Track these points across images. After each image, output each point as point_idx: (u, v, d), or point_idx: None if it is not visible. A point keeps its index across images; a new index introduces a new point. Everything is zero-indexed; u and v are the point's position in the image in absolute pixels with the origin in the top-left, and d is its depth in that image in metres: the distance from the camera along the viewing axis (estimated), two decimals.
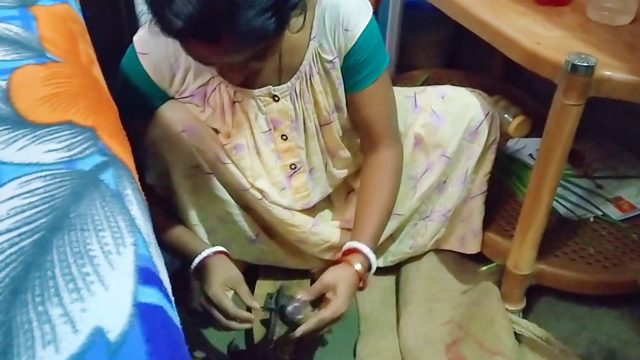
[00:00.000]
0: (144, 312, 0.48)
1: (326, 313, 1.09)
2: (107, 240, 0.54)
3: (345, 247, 1.19)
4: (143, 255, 0.53)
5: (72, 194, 0.58)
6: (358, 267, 1.14)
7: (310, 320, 1.09)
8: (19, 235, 0.52)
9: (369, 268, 1.18)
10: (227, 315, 1.10)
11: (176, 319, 0.52)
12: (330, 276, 1.13)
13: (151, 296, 0.50)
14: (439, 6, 1.36)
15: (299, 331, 1.08)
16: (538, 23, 1.19)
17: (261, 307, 1.15)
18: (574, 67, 1.02)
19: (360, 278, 1.15)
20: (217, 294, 1.10)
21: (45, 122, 0.70)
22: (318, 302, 1.14)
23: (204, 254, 1.16)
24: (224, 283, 1.12)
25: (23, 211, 0.55)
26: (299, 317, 1.10)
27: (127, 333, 0.46)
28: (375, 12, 1.84)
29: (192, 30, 0.87)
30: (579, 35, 1.14)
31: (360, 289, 1.17)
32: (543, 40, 1.12)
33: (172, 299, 0.55)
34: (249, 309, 1.14)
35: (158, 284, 0.52)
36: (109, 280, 0.49)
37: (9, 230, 0.52)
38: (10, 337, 0.44)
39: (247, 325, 1.13)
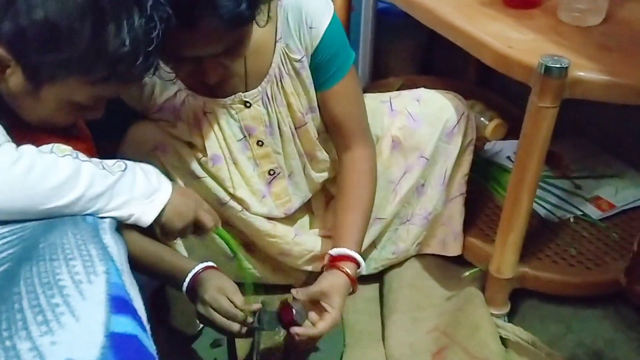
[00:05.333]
0: (117, 343, 0.46)
1: (323, 325, 1.09)
2: (78, 269, 0.52)
3: (334, 253, 1.19)
4: (115, 283, 0.52)
5: (44, 223, 0.56)
6: (350, 273, 1.15)
7: (309, 328, 1.09)
8: None
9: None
10: (227, 316, 1.08)
11: (151, 347, 0.51)
12: (327, 283, 1.13)
13: (124, 325, 0.48)
14: (411, 13, 1.37)
15: (297, 330, 1.07)
16: (510, 26, 1.19)
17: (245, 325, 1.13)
18: (548, 70, 1.02)
19: (353, 284, 1.16)
20: (214, 297, 1.08)
21: None
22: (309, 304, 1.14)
23: (194, 271, 1.13)
24: (219, 290, 1.10)
25: None
26: (296, 308, 1.09)
27: None
28: (347, 20, 1.84)
29: (173, 14, 0.86)
30: (551, 37, 1.15)
31: (351, 293, 1.18)
32: (515, 43, 1.12)
33: (147, 326, 0.53)
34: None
35: (131, 312, 0.51)
36: (80, 311, 0.48)
37: None
38: None
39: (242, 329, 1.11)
